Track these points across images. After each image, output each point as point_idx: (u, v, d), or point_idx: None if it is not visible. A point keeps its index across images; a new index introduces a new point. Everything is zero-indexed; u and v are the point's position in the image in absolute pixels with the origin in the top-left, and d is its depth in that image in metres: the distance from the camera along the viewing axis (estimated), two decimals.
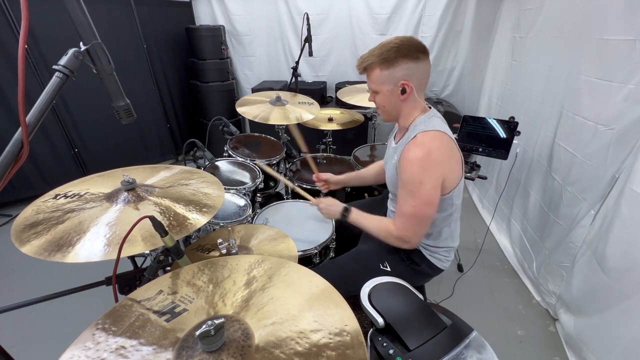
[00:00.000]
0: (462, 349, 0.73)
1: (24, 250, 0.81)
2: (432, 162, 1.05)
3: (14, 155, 0.64)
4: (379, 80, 1.10)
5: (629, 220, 1.25)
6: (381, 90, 1.12)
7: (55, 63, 0.69)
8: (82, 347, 0.60)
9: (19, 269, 2.12)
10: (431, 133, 1.08)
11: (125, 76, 2.64)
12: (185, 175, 1.18)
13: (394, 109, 1.16)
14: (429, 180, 1.05)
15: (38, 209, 0.95)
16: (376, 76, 1.10)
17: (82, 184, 1.08)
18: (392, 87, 1.10)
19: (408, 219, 1.11)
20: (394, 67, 1.06)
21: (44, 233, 0.85)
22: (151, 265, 0.93)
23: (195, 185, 1.12)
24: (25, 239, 0.84)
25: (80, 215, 0.91)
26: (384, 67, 1.07)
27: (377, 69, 1.09)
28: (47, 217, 0.91)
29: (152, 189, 1.05)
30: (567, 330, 1.62)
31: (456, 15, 3.12)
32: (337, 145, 2.51)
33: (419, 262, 1.28)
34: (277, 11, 3.54)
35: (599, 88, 1.45)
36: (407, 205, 1.09)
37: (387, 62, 1.06)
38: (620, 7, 1.34)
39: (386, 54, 1.06)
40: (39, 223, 0.89)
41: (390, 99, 1.13)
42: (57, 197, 1.00)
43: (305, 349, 0.59)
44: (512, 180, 2.17)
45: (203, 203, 1.03)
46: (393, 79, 1.08)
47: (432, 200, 1.07)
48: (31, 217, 0.92)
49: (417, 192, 1.06)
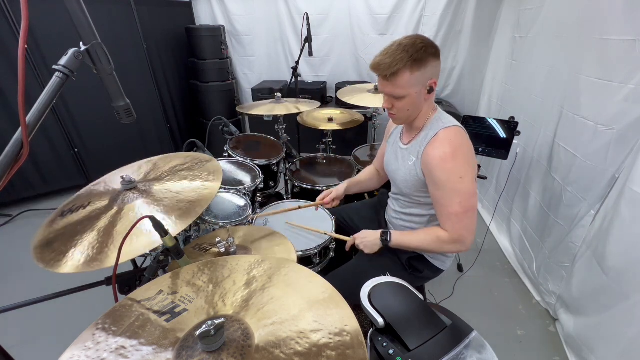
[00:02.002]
0: (462, 349, 0.73)
1: (65, 271, 0.81)
2: (464, 154, 1.05)
3: (14, 155, 0.64)
4: (409, 83, 1.03)
5: (629, 220, 1.25)
6: (409, 93, 1.06)
7: (55, 63, 0.69)
8: (82, 347, 0.60)
9: (19, 269, 2.12)
10: (453, 128, 1.08)
11: (125, 76, 2.64)
12: (169, 161, 1.22)
13: (416, 111, 1.13)
14: (467, 172, 1.04)
15: (49, 230, 0.96)
16: (406, 80, 1.03)
17: (79, 200, 1.08)
18: (421, 88, 1.06)
19: (460, 218, 1.06)
20: (425, 67, 1.02)
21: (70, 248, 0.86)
22: (151, 265, 0.93)
23: (189, 166, 1.16)
24: (55, 262, 0.84)
25: (98, 223, 0.93)
26: (415, 69, 1.01)
27: (407, 73, 1.01)
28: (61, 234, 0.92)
29: (150, 182, 1.06)
30: (567, 330, 1.62)
31: (456, 15, 3.12)
32: (337, 145, 2.51)
33: (421, 269, 1.28)
34: (277, 11, 3.55)
35: (599, 88, 1.45)
36: (454, 205, 1.05)
37: (419, 63, 1.01)
38: (620, 7, 1.34)
39: (416, 55, 1.00)
40: (54, 240, 0.90)
41: (416, 101, 1.08)
42: (64, 214, 1.01)
43: (305, 349, 0.59)
44: (512, 180, 2.17)
45: (205, 175, 1.07)
46: (423, 80, 1.04)
47: (474, 190, 1.06)
48: (45, 239, 0.93)
49: (460, 187, 1.04)
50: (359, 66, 3.59)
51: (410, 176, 1.16)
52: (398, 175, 1.24)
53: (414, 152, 1.15)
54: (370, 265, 1.29)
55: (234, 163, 1.89)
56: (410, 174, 1.16)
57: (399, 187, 1.26)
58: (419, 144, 1.13)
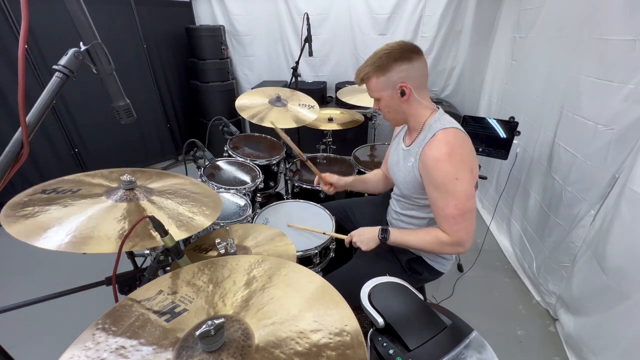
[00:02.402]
0: (462, 349, 0.73)
1: (11, 231, 0.78)
2: (461, 156, 1.05)
3: (14, 155, 0.64)
4: (377, 87, 1.13)
5: (629, 220, 1.25)
6: (382, 96, 1.15)
7: (55, 63, 0.69)
8: (82, 347, 0.59)
9: (19, 269, 2.12)
10: (451, 130, 1.08)
11: (125, 76, 2.64)
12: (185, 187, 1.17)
13: (399, 112, 1.17)
14: (462, 174, 1.04)
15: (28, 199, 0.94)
16: (374, 84, 1.14)
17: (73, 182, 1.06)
18: (391, 91, 1.12)
19: (456, 220, 1.07)
20: (389, 71, 1.09)
21: (33, 215, 0.85)
22: (151, 265, 0.93)
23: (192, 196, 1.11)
24: (13, 220, 0.82)
25: (73, 205, 0.91)
26: (379, 74, 1.10)
27: (373, 78, 1.12)
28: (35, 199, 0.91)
29: (151, 191, 1.05)
30: (567, 330, 1.62)
31: (456, 15, 3.12)
32: (337, 145, 2.51)
33: (420, 271, 1.27)
34: (277, 11, 3.55)
35: (599, 88, 1.45)
36: (450, 207, 1.06)
37: (381, 68, 1.09)
38: (620, 7, 1.34)
39: (379, 62, 1.09)
40: (27, 204, 0.88)
41: (392, 103, 1.15)
42: (46, 192, 0.98)
43: (305, 349, 0.59)
44: (512, 180, 2.17)
45: (203, 207, 1.03)
46: (390, 84, 1.10)
47: (471, 193, 1.06)
48: (21, 200, 0.92)
49: (455, 188, 1.04)
50: (358, 66, 3.57)
51: (409, 177, 1.17)
52: (399, 176, 1.25)
53: (413, 154, 1.16)
54: (369, 267, 1.29)
55: (234, 163, 1.89)
56: (409, 175, 1.17)
57: (400, 188, 1.27)
58: (418, 145, 1.13)
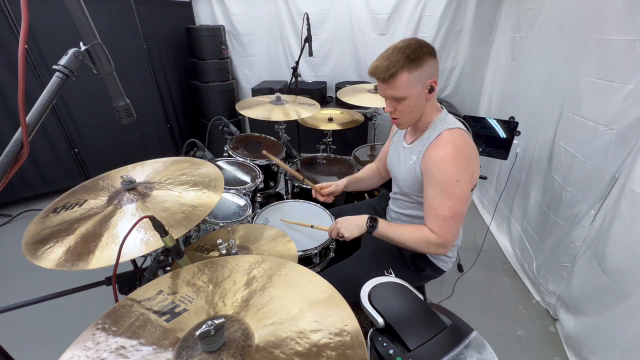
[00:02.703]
0: (462, 349, 0.73)
1: (44, 265, 0.80)
2: (464, 158, 1.04)
3: (14, 155, 0.64)
4: (409, 84, 1.02)
5: (629, 220, 1.25)
6: (410, 94, 1.04)
7: (55, 63, 0.69)
8: (82, 347, 0.60)
9: (19, 269, 2.12)
10: (457, 130, 1.07)
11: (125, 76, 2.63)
12: (177, 166, 1.20)
13: (419, 112, 1.11)
14: (463, 177, 1.03)
15: (43, 225, 0.94)
16: (404, 81, 1.02)
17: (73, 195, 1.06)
18: (421, 88, 1.05)
19: (447, 221, 1.05)
20: (422, 66, 1.01)
21: (58, 245, 0.85)
22: (151, 265, 0.93)
23: (189, 170, 1.15)
24: (41, 255, 0.83)
25: (88, 223, 0.91)
26: (412, 69, 1.00)
27: (404, 73, 1.01)
28: (55, 231, 0.90)
29: (150, 184, 1.05)
30: (567, 330, 1.62)
31: (456, 15, 3.12)
32: (337, 145, 2.51)
33: (423, 267, 1.27)
34: (277, 11, 3.54)
35: (599, 88, 1.45)
36: (444, 207, 1.04)
37: (415, 62, 1.00)
38: (620, 7, 1.34)
39: (412, 55, 0.99)
40: (49, 238, 0.88)
41: (418, 102, 1.07)
42: (58, 211, 0.99)
43: (305, 349, 0.59)
44: (512, 180, 2.17)
45: (206, 182, 1.06)
46: (422, 79, 1.03)
47: (467, 197, 1.06)
48: (38, 234, 0.90)
49: (454, 190, 1.03)
50: (359, 66, 3.59)
51: (410, 175, 1.17)
52: (399, 174, 1.24)
53: (415, 152, 1.15)
54: (371, 261, 1.29)
55: (234, 163, 1.89)
56: (410, 172, 1.16)
57: (400, 185, 1.26)
58: (422, 144, 1.12)
